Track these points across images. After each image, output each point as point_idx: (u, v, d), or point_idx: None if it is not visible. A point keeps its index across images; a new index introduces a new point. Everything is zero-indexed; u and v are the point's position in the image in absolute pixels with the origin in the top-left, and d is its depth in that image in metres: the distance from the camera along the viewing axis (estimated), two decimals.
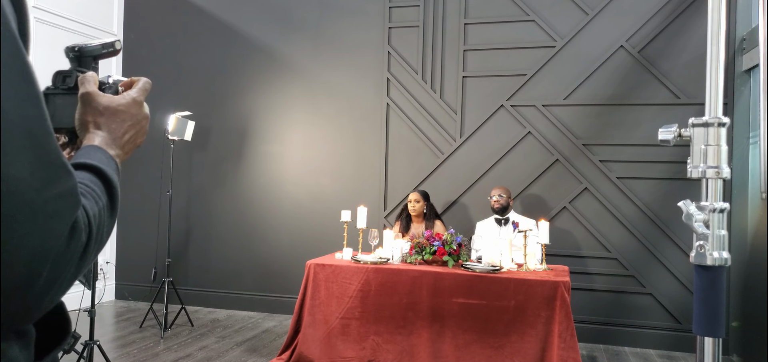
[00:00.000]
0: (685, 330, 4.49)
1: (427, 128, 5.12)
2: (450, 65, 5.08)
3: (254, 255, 5.46)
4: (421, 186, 4.97)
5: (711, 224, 1.18)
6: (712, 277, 1.18)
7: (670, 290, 4.56)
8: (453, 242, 3.82)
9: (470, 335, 3.53)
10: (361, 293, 3.71)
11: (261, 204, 5.46)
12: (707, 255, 1.17)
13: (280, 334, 4.63)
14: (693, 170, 1.21)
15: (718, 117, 1.20)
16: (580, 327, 4.24)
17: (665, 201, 4.55)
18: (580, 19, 4.79)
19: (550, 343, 3.38)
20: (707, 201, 1.20)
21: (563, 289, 3.38)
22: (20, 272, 0.48)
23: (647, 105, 4.63)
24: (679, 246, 4.52)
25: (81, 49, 0.72)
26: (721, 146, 1.19)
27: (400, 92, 5.17)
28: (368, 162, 5.25)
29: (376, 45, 5.24)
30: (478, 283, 3.53)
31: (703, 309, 1.19)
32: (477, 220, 4.68)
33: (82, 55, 0.73)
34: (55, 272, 0.51)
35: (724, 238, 1.19)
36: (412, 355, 3.61)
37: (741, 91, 4.39)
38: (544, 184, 4.84)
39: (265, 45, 5.48)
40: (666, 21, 4.61)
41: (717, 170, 1.19)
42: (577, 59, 4.78)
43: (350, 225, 4.28)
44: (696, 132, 1.21)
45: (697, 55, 4.51)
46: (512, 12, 4.94)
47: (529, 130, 4.86)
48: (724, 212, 1.20)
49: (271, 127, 5.48)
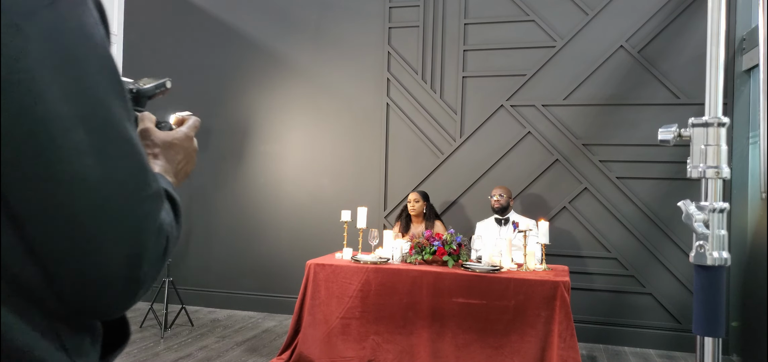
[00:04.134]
0: (684, 330, 4.49)
1: (427, 128, 5.12)
2: (450, 65, 5.08)
3: (254, 255, 5.46)
4: (421, 187, 4.97)
5: (711, 224, 1.18)
6: (712, 277, 1.18)
7: (670, 290, 4.56)
8: (453, 242, 3.82)
9: (470, 335, 3.53)
10: (361, 293, 3.71)
11: (261, 205, 5.46)
12: (707, 255, 1.17)
13: (280, 334, 4.63)
14: (693, 170, 1.21)
15: (718, 117, 1.20)
16: (580, 327, 4.24)
17: (665, 201, 4.55)
18: (580, 19, 4.79)
19: (550, 343, 3.38)
20: (707, 201, 1.20)
21: (563, 289, 3.38)
22: (119, 264, 0.54)
23: (647, 105, 4.63)
24: (679, 246, 4.53)
25: (138, 90, 0.83)
26: (720, 146, 1.19)
27: (400, 92, 5.17)
28: (368, 162, 5.25)
29: (376, 45, 5.24)
30: (478, 283, 3.53)
31: (703, 308, 1.19)
32: (477, 220, 4.68)
33: (139, 95, 0.83)
34: (145, 267, 0.56)
35: (724, 238, 1.19)
36: (412, 355, 3.61)
37: (741, 91, 4.39)
38: (543, 184, 4.84)
39: (265, 45, 5.48)
40: (666, 21, 4.61)
41: (717, 170, 1.19)
42: (576, 59, 4.78)
43: (350, 225, 4.28)
44: (696, 132, 1.21)
45: (696, 55, 4.51)
46: (512, 12, 4.94)
47: (528, 130, 4.86)
48: (723, 212, 1.20)
49: (271, 127, 5.48)
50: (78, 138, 0.51)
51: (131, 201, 0.54)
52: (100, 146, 0.52)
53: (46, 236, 0.51)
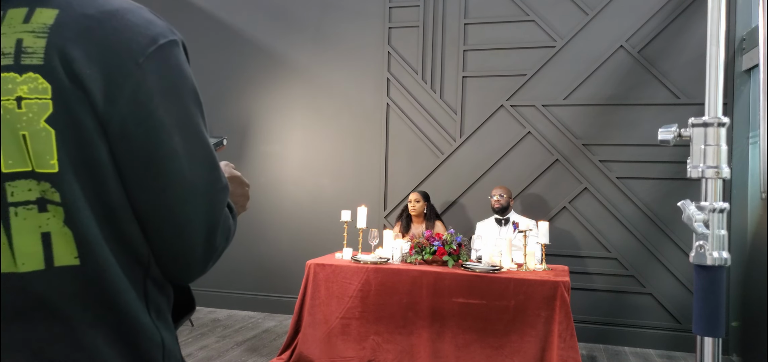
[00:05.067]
0: (684, 330, 4.49)
1: (427, 128, 5.12)
2: (450, 65, 5.08)
3: (254, 255, 5.46)
4: (421, 186, 4.97)
5: (711, 224, 1.18)
6: (712, 277, 1.18)
7: (669, 290, 4.56)
8: (453, 242, 3.82)
9: (470, 335, 3.53)
10: (361, 293, 3.71)
11: (261, 204, 5.46)
12: (707, 255, 1.17)
13: (280, 334, 4.63)
14: (693, 170, 1.21)
15: (718, 117, 1.20)
16: (579, 327, 4.24)
17: (665, 201, 4.55)
18: (580, 19, 4.79)
19: (550, 343, 3.38)
20: (707, 201, 1.20)
21: (563, 289, 3.38)
22: (201, 234, 0.74)
23: (647, 105, 4.63)
24: (679, 246, 4.52)
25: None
26: (720, 146, 1.19)
27: (400, 92, 5.17)
28: (368, 162, 5.25)
29: (376, 45, 5.24)
30: (478, 283, 3.53)
31: (703, 308, 1.19)
32: (477, 220, 4.68)
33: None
34: (218, 238, 0.77)
35: (724, 238, 1.19)
36: (412, 355, 3.61)
37: (741, 91, 4.39)
38: (543, 184, 4.84)
39: (265, 45, 5.48)
40: (666, 21, 4.61)
41: (717, 170, 1.19)
42: (576, 59, 4.78)
43: (350, 225, 4.28)
44: (696, 132, 1.21)
45: (696, 55, 4.51)
46: (512, 12, 4.94)
47: (528, 130, 4.86)
48: (723, 212, 1.20)
49: (271, 127, 5.48)
50: (176, 142, 0.71)
51: (210, 190, 0.75)
52: (191, 149, 0.73)
53: (152, 211, 0.71)
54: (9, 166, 0.66)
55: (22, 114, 0.65)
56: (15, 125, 0.66)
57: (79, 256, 0.67)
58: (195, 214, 0.73)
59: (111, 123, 0.67)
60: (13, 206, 0.66)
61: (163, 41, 0.72)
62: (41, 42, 0.66)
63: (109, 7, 0.70)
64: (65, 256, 0.67)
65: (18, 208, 0.66)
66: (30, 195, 0.66)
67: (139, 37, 0.70)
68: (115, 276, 0.69)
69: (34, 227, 0.66)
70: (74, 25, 0.67)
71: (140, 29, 0.70)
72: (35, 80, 0.66)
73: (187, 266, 0.76)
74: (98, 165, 0.68)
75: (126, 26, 0.69)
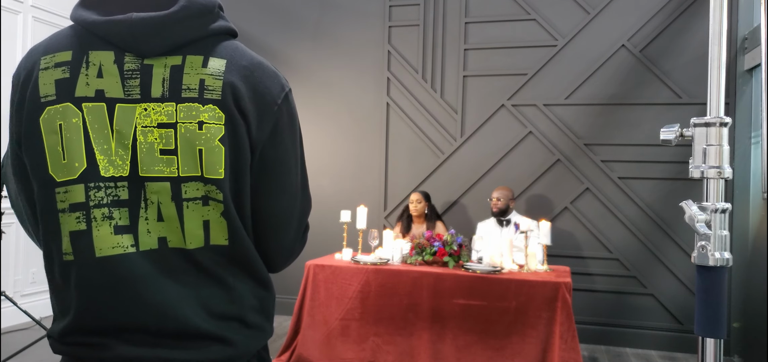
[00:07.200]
0: (686, 331, 4.47)
1: (427, 128, 5.10)
2: (450, 64, 5.06)
3: None
4: (421, 187, 4.96)
5: (713, 224, 1.17)
6: (714, 278, 1.17)
7: (671, 291, 4.55)
8: (454, 243, 3.81)
9: (471, 336, 3.52)
10: (361, 294, 3.69)
11: None
12: (709, 255, 1.16)
13: (279, 335, 4.62)
14: (694, 170, 1.20)
15: (720, 117, 1.18)
16: (581, 328, 4.22)
17: (667, 201, 4.53)
18: (582, 18, 4.77)
19: (551, 344, 3.36)
20: (709, 201, 1.18)
21: (564, 290, 3.37)
22: (297, 232, 1.04)
23: (649, 105, 4.61)
24: (681, 246, 4.51)
25: None
26: (722, 146, 1.18)
27: (400, 91, 5.16)
28: (368, 162, 5.24)
29: (376, 44, 5.23)
30: (478, 284, 3.52)
31: (705, 309, 1.18)
32: (478, 221, 4.67)
33: None
34: (303, 237, 1.07)
35: (726, 239, 1.18)
36: (412, 356, 3.59)
37: (743, 91, 4.37)
38: (545, 184, 4.83)
39: (265, 44, 5.47)
40: (667, 20, 4.59)
41: (718, 170, 1.17)
42: (578, 58, 4.76)
43: (350, 226, 4.26)
44: (697, 132, 1.19)
45: (698, 54, 4.49)
46: (513, 11, 4.92)
47: (530, 130, 4.84)
48: (725, 212, 1.18)
49: None
50: (293, 164, 0.98)
51: (305, 199, 1.04)
52: (301, 171, 1.02)
53: (269, 208, 0.96)
54: (185, 171, 0.88)
55: (201, 134, 0.87)
56: (193, 142, 0.88)
57: (228, 238, 0.91)
58: (294, 216, 1.01)
59: (258, 145, 0.92)
60: (185, 201, 0.88)
61: (287, 89, 0.98)
62: (219, 83, 0.89)
63: (255, 60, 0.97)
64: (218, 238, 0.90)
65: (189, 202, 0.88)
66: (197, 193, 0.89)
67: (275, 86, 0.96)
68: (250, 251, 0.94)
69: (199, 216, 0.89)
70: (237, 72, 0.92)
71: (274, 80, 0.96)
72: (214, 110, 0.88)
73: (282, 249, 1.02)
74: (245, 174, 0.92)
75: (267, 75, 0.95)
